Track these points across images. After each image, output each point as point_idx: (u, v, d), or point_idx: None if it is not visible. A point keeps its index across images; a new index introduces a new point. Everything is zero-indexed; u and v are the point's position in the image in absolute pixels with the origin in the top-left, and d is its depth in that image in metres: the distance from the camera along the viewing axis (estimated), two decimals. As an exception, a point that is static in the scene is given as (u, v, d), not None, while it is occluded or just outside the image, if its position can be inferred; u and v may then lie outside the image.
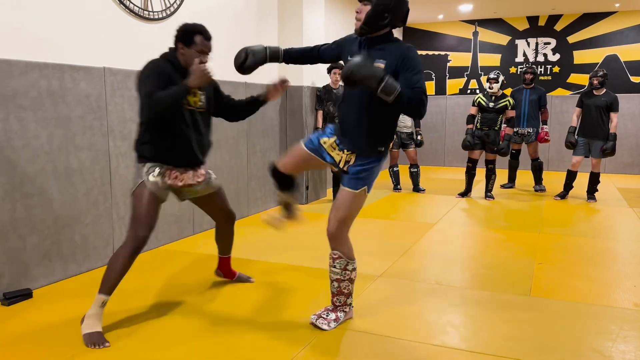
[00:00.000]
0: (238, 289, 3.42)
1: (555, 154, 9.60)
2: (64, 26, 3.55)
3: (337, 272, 2.82)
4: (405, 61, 2.54)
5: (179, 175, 2.91)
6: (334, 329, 2.81)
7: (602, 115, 6.41)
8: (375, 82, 2.39)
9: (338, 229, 2.76)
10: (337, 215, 2.75)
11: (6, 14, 3.18)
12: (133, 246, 2.69)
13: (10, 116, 3.17)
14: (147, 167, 2.80)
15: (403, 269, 3.88)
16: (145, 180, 2.78)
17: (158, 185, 2.80)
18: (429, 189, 7.51)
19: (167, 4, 4.42)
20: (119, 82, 3.91)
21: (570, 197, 6.87)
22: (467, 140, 6.62)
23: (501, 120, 6.60)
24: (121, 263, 2.67)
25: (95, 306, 2.65)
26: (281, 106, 6.23)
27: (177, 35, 2.85)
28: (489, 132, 6.57)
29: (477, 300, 3.31)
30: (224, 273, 3.52)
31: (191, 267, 3.88)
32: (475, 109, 6.68)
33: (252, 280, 3.53)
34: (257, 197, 5.83)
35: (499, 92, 6.56)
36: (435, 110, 10.33)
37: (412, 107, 2.53)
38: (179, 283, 3.53)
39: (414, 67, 2.54)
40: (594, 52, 9.60)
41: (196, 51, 2.80)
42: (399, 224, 5.40)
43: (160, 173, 2.82)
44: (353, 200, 2.73)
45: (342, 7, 7.93)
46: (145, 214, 2.74)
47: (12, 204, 3.21)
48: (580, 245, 4.61)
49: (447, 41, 10.58)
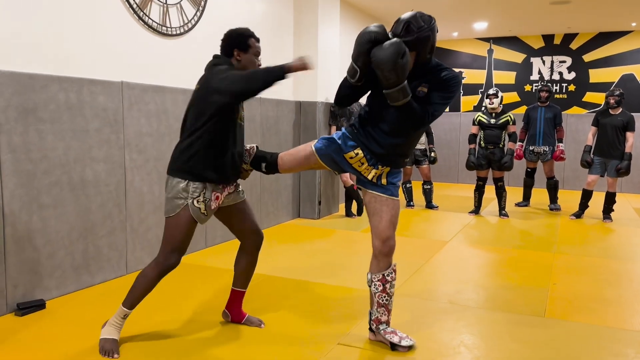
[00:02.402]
0: (251, 304, 3.39)
1: (570, 173, 9.51)
2: (84, 41, 3.61)
3: (395, 285, 2.80)
4: (446, 86, 2.60)
5: (220, 195, 2.74)
6: (342, 349, 2.78)
7: (618, 134, 6.36)
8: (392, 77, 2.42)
9: (395, 239, 2.78)
10: (395, 227, 2.79)
11: (28, 29, 3.25)
12: (162, 270, 2.65)
13: (30, 128, 3.22)
14: (191, 189, 2.61)
15: (415, 288, 3.85)
16: (189, 204, 2.61)
17: (201, 211, 2.64)
18: (442, 206, 7.47)
19: (185, 20, 4.49)
20: (136, 96, 3.96)
21: (586, 216, 6.79)
22: (471, 161, 6.61)
23: (505, 137, 6.57)
24: (147, 282, 2.65)
25: (118, 316, 2.68)
26: (295, 121, 6.26)
27: (231, 41, 2.75)
28: (494, 150, 6.54)
29: (491, 320, 3.27)
30: (233, 313, 3.07)
31: (204, 281, 3.89)
32: (477, 128, 6.67)
33: (262, 325, 3.04)
34: (269, 211, 5.84)
35: (499, 108, 6.54)
36: (448, 127, 10.31)
37: (409, 117, 2.56)
38: (191, 297, 3.53)
39: (447, 94, 2.60)
40: (610, 71, 9.54)
41: (252, 54, 2.75)
42: (411, 241, 5.37)
43: (206, 199, 2.64)
44: (399, 206, 2.82)
45: (357, 22, 7.99)
46: (181, 240, 2.65)
47: (29, 216, 3.25)
48: (596, 265, 4.54)
49: (462, 58, 10.59)
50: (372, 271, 2.78)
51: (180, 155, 2.64)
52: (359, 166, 2.75)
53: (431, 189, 7.37)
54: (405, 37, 2.47)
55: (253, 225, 2.95)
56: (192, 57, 4.55)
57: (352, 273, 4.10)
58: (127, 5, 3.91)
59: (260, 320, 3.08)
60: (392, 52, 2.39)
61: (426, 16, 2.53)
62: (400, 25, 2.51)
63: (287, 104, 6.08)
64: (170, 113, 4.28)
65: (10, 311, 3.17)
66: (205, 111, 2.59)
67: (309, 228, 5.93)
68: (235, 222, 2.93)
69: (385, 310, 2.77)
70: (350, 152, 2.75)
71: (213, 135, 2.62)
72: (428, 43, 2.52)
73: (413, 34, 2.48)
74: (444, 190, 9.34)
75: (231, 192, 2.83)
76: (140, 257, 4.08)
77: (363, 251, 4.56)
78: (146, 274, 2.66)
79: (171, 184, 2.65)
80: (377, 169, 2.73)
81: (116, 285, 3.72)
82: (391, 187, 2.77)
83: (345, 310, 3.35)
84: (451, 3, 7.61)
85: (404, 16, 2.54)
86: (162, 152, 4.20)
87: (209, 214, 2.70)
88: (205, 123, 2.59)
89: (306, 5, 6.22)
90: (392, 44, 2.42)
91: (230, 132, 2.70)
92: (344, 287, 3.79)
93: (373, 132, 2.70)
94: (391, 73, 2.41)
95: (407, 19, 2.51)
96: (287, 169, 2.93)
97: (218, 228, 4.67)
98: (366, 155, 2.72)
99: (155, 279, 2.66)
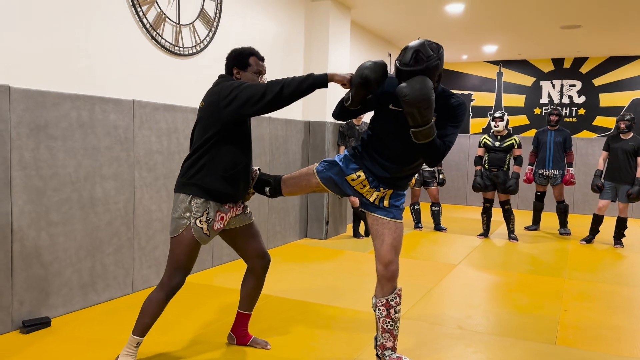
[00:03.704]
0: (257, 325, 3.36)
1: (580, 197, 9.44)
2: (97, 59, 3.65)
3: (400, 310, 2.74)
4: (454, 114, 2.59)
5: (225, 216, 2.69)
6: (352, 372, 2.74)
7: (629, 159, 6.31)
8: (428, 118, 2.40)
9: (398, 264, 2.72)
10: (398, 252, 2.71)
11: (41, 48, 3.29)
12: (167, 292, 2.61)
13: (41, 145, 3.24)
14: (194, 207, 2.56)
15: (423, 312, 3.80)
16: (192, 224, 2.57)
17: (203, 232, 2.59)
18: (451, 228, 7.41)
19: (197, 40, 4.53)
20: (147, 115, 3.99)
21: (597, 241, 6.71)
22: (477, 182, 6.58)
23: (509, 160, 6.54)
24: (154, 307, 2.61)
25: (130, 345, 2.61)
26: (304, 141, 6.27)
27: (231, 60, 2.76)
28: (498, 172, 6.50)
29: (501, 347, 3.21)
30: (239, 336, 3.03)
31: (210, 301, 3.85)
32: (482, 150, 6.66)
33: (268, 346, 3.02)
34: (276, 231, 5.81)
35: (504, 131, 6.52)
36: (457, 148, 10.29)
37: (432, 153, 2.54)
38: (197, 317, 3.50)
39: (457, 123, 2.60)
40: (620, 95, 9.52)
41: (252, 72, 2.74)
42: (419, 264, 5.32)
43: (209, 219, 2.60)
44: (402, 229, 2.75)
45: (367, 41, 8.04)
46: (185, 260, 2.61)
47: (37, 232, 3.25)
48: (607, 292, 4.47)
49: (471, 81, 10.61)
50: (376, 295, 2.73)
51: (187, 170, 2.62)
52: (361, 188, 2.74)
53: (440, 211, 7.33)
54: (414, 66, 2.42)
55: (259, 249, 2.90)
56: (203, 77, 4.58)
57: (359, 295, 4.05)
58: (141, 25, 3.96)
59: (266, 342, 3.04)
60: (426, 88, 2.35)
61: (434, 44, 2.49)
62: (409, 54, 2.44)
63: (296, 123, 6.10)
64: (181, 131, 4.30)
65: (15, 328, 3.16)
66: (214, 125, 2.56)
67: (316, 248, 5.89)
68: (240, 245, 2.89)
69: (390, 336, 2.72)
70: (352, 175, 2.73)
71: (223, 148, 2.59)
72: (437, 72, 2.48)
73: (423, 63, 2.42)
74: (453, 212, 9.29)
75: (238, 213, 2.78)
76: (147, 275, 4.07)
77: (370, 273, 4.50)
78: (152, 298, 2.62)
79: (176, 203, 2.62)
80: (379, 192, 2.71)
81: (122, 304, 3.70)
82: (394, 209, 2.72)
83: (352, 334, 3.31)
84: (461, 26, 7.66)
85: (411, 44, 2.48)
86: (172, 170, 4.21)
87: (211, 234, 2.65)
88: (212, 137, 2.57)
89: (317, 26, 6.29)
90: (421, 80, 2.37)
91: (241, 144, 2.67)
92: (351, 310, 3.75)
93: (378, 157, 2.68)
94: (428, 110, 2.38)
95: (416, 48, 2.45)
96: (290, 192, 2.92)
97: (225, 247, 4.65)
98: (368, 177, 2.71)
99: (163, 302, 2.62)
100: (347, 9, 6.66)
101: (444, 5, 6.61)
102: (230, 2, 4.95)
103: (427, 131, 2.43)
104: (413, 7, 6.77)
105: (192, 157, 2.63)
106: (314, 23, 6.31)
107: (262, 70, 2.79)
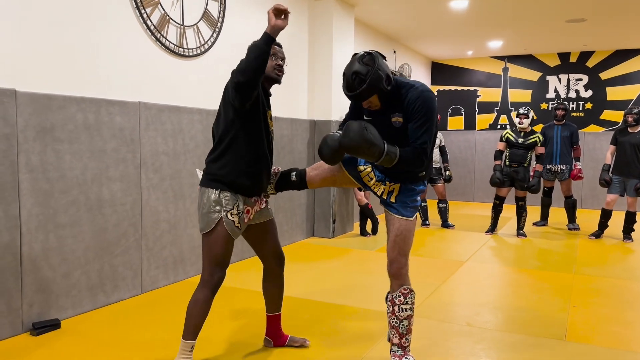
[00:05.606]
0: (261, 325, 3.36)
1: (588, 192, 9.38)
2: (102, 62, 3.67)
3: (409, 308, 2.70)
4: (413, 111, 2.53)
5: (251, 209, 2.67)
6: (361, 370, 2.74)
7: (637, 153, 6.26)
8: (377, 153, 2.45)
9: (405, 263, 2.69)
10: (403, 250, 2.67)
11: (47, 51, 3.31)
12: (211, 289, 2.57)
13: (47, 148, 3.26)
14: (224, 200, 2.55)
15: (432, 309, 3.79)
16: (223, 217, 2.54)
17: (235, 224, 2.57)
18: (458, 225, 7.39)
19: (202, 41, 4.54)
20: (153, 116, 4.00)
21: (606, 236, 6.67)
22: (497, 177, 6.51)
23: (530, 157, 6.49)
24: (201, 306, 2.55)
25: (185, 351, 2.55)
26: (309, 140, 6.27)
27: None
28: (518, 168, 6.47)
29: (510, 343, 3.20)
30: (275, 337, 3.01)
31: (223, 300, 3.85)
32: (503, 145, 6.60)
33: (307, 343, 3.03)
34: (284, 230, 5.82)
35: (528, 128, 6.48)
36: (464, 145, 10.26)
37: (409, 166, 2.56)
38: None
39: (419, 119, 2.52)
40: (627, 88, 9.45)
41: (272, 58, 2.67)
42: (427, 261, 5.30)
43: (239, 211, 2.58)
44: (411, 228, 2.69)
45: (371, 39, 8.03)
46: (222, 255, 2.57)
47: (45, 235, 3.27)
48: (616, 287, 4.44)
49: (477, 77, 10.57)
50: (390, 289, 2.75)
51: (212, 165, 2.60)
52: (368, 181, 2.76)
53: (447, 208, 7.31)
54: (359, 88, 2.46)
55: (276, 246, 2.90)
56: (208, 78, 4.60)
57: (367, 293, 4.05)
58: (145, 26, 3.97)
59: (304, 339, 3.06)
60: (357, 133, 2.43)
61: (366, 56, 2.50)
62: (350, 80, 2.48)
63: (301, 122, 6.10)
64: (186, 132, 4.31)
65: (25, 330, 3.18)
66: (229, 116, 2.54)
67: (323, 247, 5.89)
68: (258, 242, 2.88)
69: (396, 332, 2.72)
70: (361, 166, 2.78)
71: (243, 142, 2.56)
72: (382, 80, 2.48)
73: (364, 82, 2.45)
74: (460, 209, 9.26)
75: (262, 207, 2.78)
76: (155, 276, 4.08)
77: (378, 271, 4.51)
78: (197, 298, 2.56)
79: (203, 198, 2.57)
80: (386, 185, 2.71)
81: (131, 305, 3.72)
82: (400, 205, 2.69)
83: (361, 331, 3.31)
84: (465, 22, 7.63)
85: (346, 70, 2.52)
86: (178, 170, 4.22)
87: (242, 227, 2.62)
88: (230, 129, 2.54)
89: (320, 25, 6.28)
90: (352, 127, 2.45)
91: (262, 139, 2.64)
92: (359, 308, 3.74)
93: None
94: (371, 149, 2.44)
95: (353, 71, 2.47)
96: (315, 182, 2.89)
97: (236, 246, 4.65)
98: (374, 170, 2.73)
99: (209, 300, 2.57)
100: (350, 7, 6.65)
101: (448, 1, 6.59)
102: (234, 2, 4.95)
103: (385, 160, 2.49)
104: (417, 3, 6.75)
105: (215, 152, 2.60)
106: (317, 22, 6.30)
107: (281, 54, 2.72)
